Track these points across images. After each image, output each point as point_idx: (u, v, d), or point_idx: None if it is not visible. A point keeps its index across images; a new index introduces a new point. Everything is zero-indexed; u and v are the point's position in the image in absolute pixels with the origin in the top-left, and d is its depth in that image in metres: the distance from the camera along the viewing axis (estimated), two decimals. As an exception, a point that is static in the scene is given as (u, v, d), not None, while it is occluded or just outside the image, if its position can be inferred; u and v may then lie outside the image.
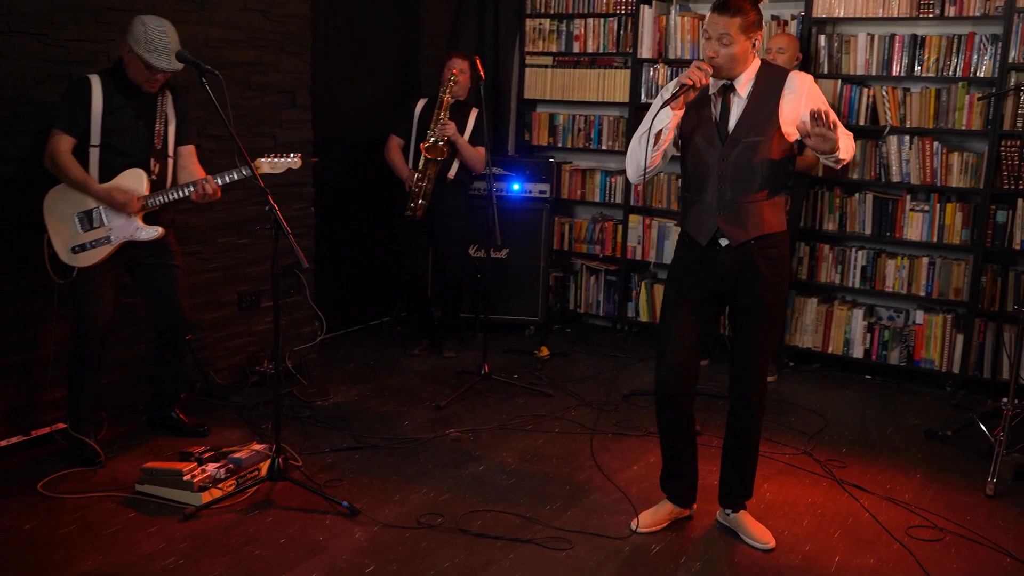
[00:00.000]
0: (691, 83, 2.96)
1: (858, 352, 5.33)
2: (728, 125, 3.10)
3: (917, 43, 5.01)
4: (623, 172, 5.98)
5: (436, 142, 5.03)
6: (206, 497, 3.41)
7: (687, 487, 3.43)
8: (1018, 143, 4.82)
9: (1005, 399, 4.66)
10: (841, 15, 5.17)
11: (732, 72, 3.04)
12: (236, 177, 3.76)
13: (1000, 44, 4.79)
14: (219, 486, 3.48)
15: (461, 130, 5.17)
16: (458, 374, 5.07)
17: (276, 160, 3.72)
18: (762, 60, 3.11)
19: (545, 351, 5.50)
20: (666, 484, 3.45)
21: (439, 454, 4.03)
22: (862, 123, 5.20)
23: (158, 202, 3.71)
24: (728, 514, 3.41)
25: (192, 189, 3.72)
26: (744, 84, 3.08)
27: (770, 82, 3.08)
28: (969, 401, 4.91)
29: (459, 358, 5.42)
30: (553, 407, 4.65)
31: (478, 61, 4.84)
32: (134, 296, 4.08)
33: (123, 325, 4.16)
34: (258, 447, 3.76)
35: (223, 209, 4.64)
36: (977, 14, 4.82)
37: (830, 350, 5.42)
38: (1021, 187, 4.82)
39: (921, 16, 4.96)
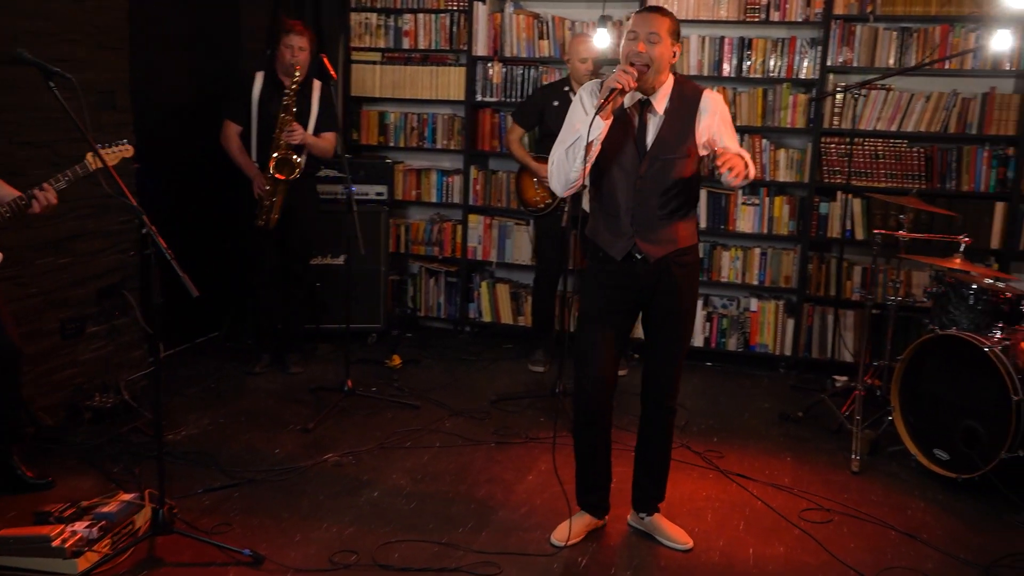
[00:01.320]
0: (620, 86, 2.90)
1: (699, 341, 5.57)
2: (646, 142, 3.07)
3: (744, 46, 5.28)
4: (460, 172, 5.88)
5: (285, 161, 4.72)
6: (83, 564, 2.97)
7: (605, 498, 3.41)
8: (836, 140, 5.21)
9: (840, 378, 5.06)
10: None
11: (653, 81, 3.01)
12: (71, 178, 3.39)
13: (820, 48, 5.14)
14: (94, 548, 3.04)
15: (307, 114, 4.88)
16: (313, 391, 4.78)
17: (111, 150, 3.36)
18: (675, 77, 3.10)
19: (397, 360, 5.31)
20: (584, 498, 3.40)
21: (326, 482, 3.76)
22: (695, 121, 5.40)
23: None
24: (643, 518, 3.43)
25: (26, 201, 3.27)
26: (661, 100, 3.06)
27: (685, 100, 3.08)
28: (803, 381, 5.27)
29: (306, 373, 5.11)
30: (425, 419, 4.48)
31: (325, 59, 4.55)
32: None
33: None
34: (126, 497, 3.33)
35: (41, 226, 4.07)
36: (799, 19, 5.15)
37: (672, 340, 5.61)
38: (840, 181, 5.21)
39: (748, 20, 5.23)
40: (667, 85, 3.06)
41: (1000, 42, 4.40)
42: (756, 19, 5.21)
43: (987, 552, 3.39)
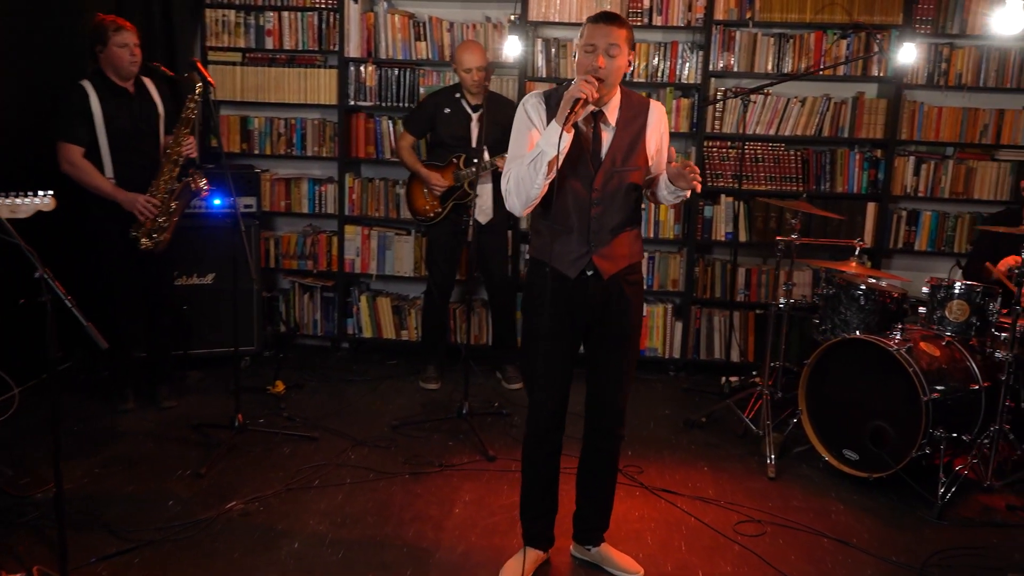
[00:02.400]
0: (584, 96, 2.74)
1: (589, 348, 5.50)
2: (600, 154, 2.93)
3: (628, 50, 5.23)
4: (333, 180, 5.54)
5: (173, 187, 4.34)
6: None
7: (551, 527, 3.26)
8: (718, 144, 5.27)
9: (732, 379, 5.13)
10: (556, 20, 5.23)
11: (607, 93, 2.87)
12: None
13: (702, 52, 5.18)
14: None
15: (155, 114, 4.47)
16: (196, 428, 4.34)
17: (19, 201, 2.82)
18: (621, 87, 2.98)
19: (280, 386, 4.92)
20: (531, 529, 3.22)
21: (236, 536, 3.39)
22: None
23: None
24: (589, 549, 3.29)
25: None
26: (612, 112, 2.93)
27: (634, 110, 2.97)
28: (694, 383, 5.32)
29: (181, 407, 4.66)
30: (327, 452, 4.17)
31: (199, 63, 4.13)
32: None
33: None
34: (11, 579, 2.87)
35: None
36: (680, 24, 5.16)
37: (563, 348, 5.53)
38: (724, 184, 5.27)
39: (631, 24, 5.17)
40: (616, 96, 2.93)
41: (905, 55, 4.62)
42: (639, 23, 5.18)
43: (914, 552, 3.48)
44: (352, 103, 5.46)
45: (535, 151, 2.80)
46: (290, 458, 4.09)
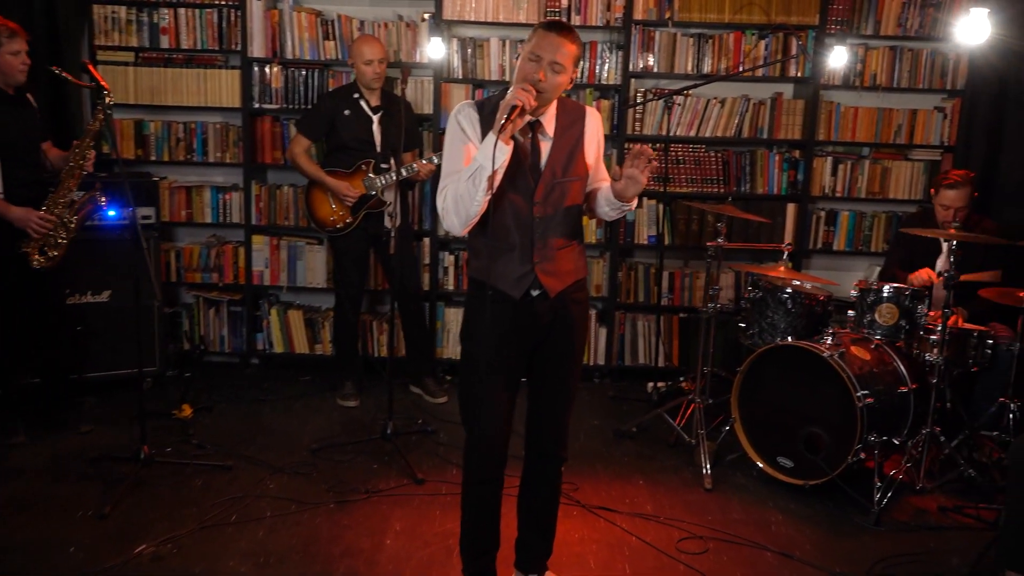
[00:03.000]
0: (521, 104, 2.55)
1: (512, 356, 5.34)
2: (540, 166, 2.76)
3: (546, 50, 5.08)
4: (238, 188, 5.23)
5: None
6: None
7: (493, 563, 3.07)
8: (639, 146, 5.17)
9: (658, 384, 5.05)
10: (472, 19, 5.04)
11: (543, 107, 2.71)
12: None
13: (621, 53, 5.07)
14: None
15: (37, 124, 4.16)
16: (96, 461, 4.00)
17: None
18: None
19: (188, 410, 4.59)
20: (473, 566, 3.03)
21: (149, 586, 3.12)
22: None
23: None
24: (532, 579, 3.13)
25: None
26: (550, 121, 2.76)
27: (571, 118, 2.81)
28: (620, 390, 5.23)
29: (78, 438, 4.29)
30: (243, 483, 3.89)
31: (91, 67, 3.79)
32: None
33: None
34: None
35: None
36: (599, 24, 5.04)
37: (485, 358, 5.36)
38: (645, 187, 5.17)
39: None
40: (552, 105, 2.77)
41: (836, 58, 4.63)
42: (557, 23, 5.03)
43: (856, 561, 3.45)
44: (257, 106, 5.16)
45: (472, 166, 2.61)
46: (203, 491, 3.80)
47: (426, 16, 5.07)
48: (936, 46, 5.14)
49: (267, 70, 5.13)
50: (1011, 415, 4.10)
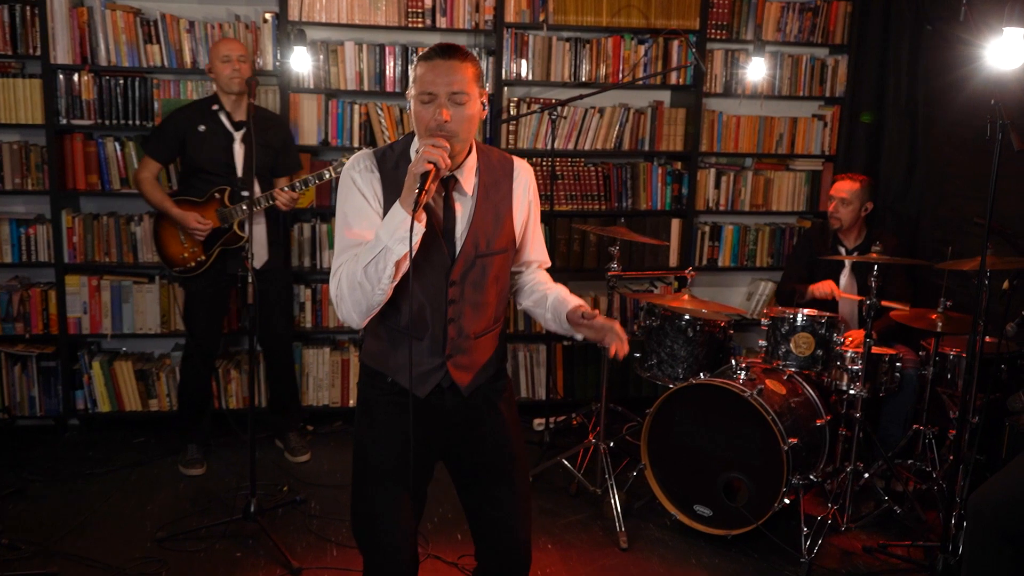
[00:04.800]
0: (432, 168, 2.01)
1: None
2: (455, 235, 2.21)
3: (410, 54, 4.52)
4: (44, 220, 4.39)
5: None
6: None
7: None
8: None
9: (538, 420, 4.61)
10: (323, 20, 4.40)
11: (459, 152, 2.16)
12: None
13: (492, 59, 4.57)
14: None
15: None
16: None
17: None
18: (476, 142, 2.27)
19: (-7, 497, 3.76)
20: None
21: None
22: (356, 144, 4.56)
23: None
24: None
25: None
26: (468, 176, 2.21)
27: (494, 173, 2.26)
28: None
29: None
30: (73, 595, 3.15)
31: None
32: None
33: None
34: None
35: None
36: (467, 27, 4.52)
37: (351, 403, 4.75)
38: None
39: (411, 26, 4.47)
40: (472, 154, 2.23)
41: (755, 70, 4.32)
42: (420, 24, 4.48)
43: (800, 626, 3.14)
44: (64, 121, 4.31)
45: (375, 246, 2.05)
46: (20, 614, 3.04)
47: (268, 16, 4.39)
48: (814, 51, 4.96)
49: (75, 79, 4.30)
50: (926, 441, 3.93)
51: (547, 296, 2.36)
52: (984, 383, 3.56)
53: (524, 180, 2.31)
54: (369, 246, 2.06)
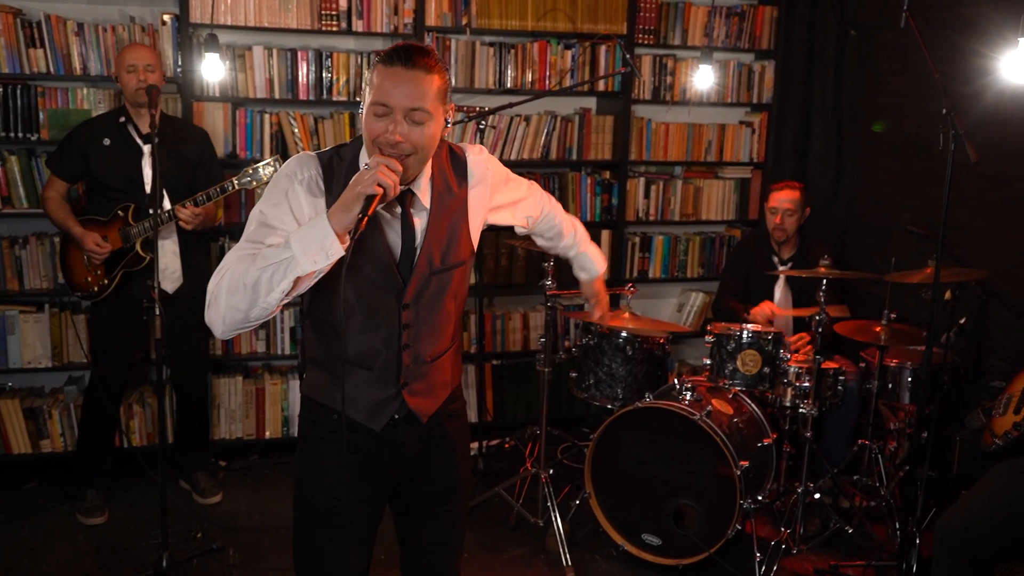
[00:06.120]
0: (381, 192, 1.75)
1: (276, 429, 4.43)
2: (413, 253, 1.96)
3: (324, 60, 4.22)
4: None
5: None
6: None
7: None
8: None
9: (481, 443, 4.39)
10: (228, 23, 4.06)
11: (417, 172, 1.91)
12: None
13: (414, 65, 4.31)
14: None
15: None
16: None
17: None
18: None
19: None
20: None
21: None
22: (267, 156, 4.23)
23: None
24: None
25: None
26: (425, 188, 1.97)
27: (447, 179, 2.02)
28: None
29: None
30: None
31: None
32: None
33: None
34: None
35: None
36: (386, 30, 4.24)
37: (268, 435, 4.40)
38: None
39: (325, 29, 4.17)
40: (428, 164, 1.98)
41: (703, 79, 4.18)
42: (334, 28, 4.18)
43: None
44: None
45: (279, 253, 1.76)
46: None
47: (167, 19, 4.02)
48: (741, 57, 4.86)
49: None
50: (872, 456, 3.84)
51: (574, 255, 2.64)
52: (929, 394, 3.50)
53: (478, 175, 2.07)
54: (274, 251, 1.77)
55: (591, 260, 2.61)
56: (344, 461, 1.99)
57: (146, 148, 3.60)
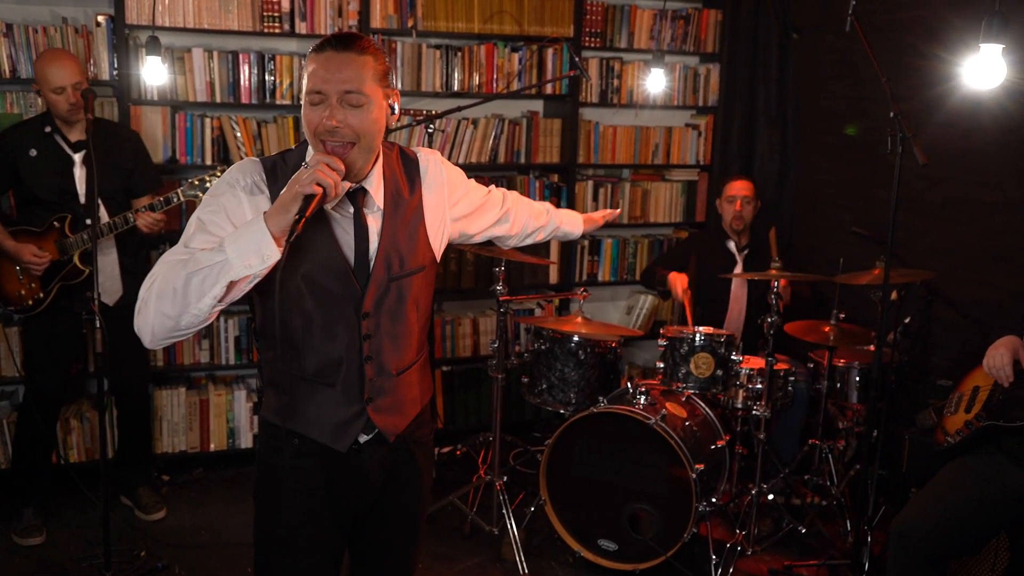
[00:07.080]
0: (320, 192, 1.68)
1: (247, 440, 4.32)
2: (368, 257, 1.89)
3: (266, 63, 4.12)
4: None
5: None
6: None
7: None
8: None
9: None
10: (167, 24, 3.94)
11: (363, 163, 1.84)
12: None
13: (358, 68, 4.24)
14: None
15: None
16: None
17: None
18: (383, 142, 1.96)
19: None
20: None
21: None
22: (209, 161, 4.12)
23: None
24: None
25: None
26: (377, 186, 1.90)
27: (397, 177, 1.96)
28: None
29: None
30: None
31: None
32: None
33: None
34: None
35: None
36: (330, 32, 4.15)
37: (212, 447, 4.29)
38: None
39: (267, 31, 4.07)
40: (378, 160, 1.92)
41: (655, 83, 4.18)
42: (277, 30, 4.08)
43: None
44: None
45: (212, 257, 1.68)
46: None
47: (101, 20, 3.89)
48: (686, 60, 4.88)
49: None
50: (823, 455, 3.88)
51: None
52: (879, 393, 3.54)
53: (431, 174, 2.01)
54: (207, 254, 1.69)
55: (571, 231, 2.65)
56: (297, 487, 1.93)
57: (77, 157, 3.46)
